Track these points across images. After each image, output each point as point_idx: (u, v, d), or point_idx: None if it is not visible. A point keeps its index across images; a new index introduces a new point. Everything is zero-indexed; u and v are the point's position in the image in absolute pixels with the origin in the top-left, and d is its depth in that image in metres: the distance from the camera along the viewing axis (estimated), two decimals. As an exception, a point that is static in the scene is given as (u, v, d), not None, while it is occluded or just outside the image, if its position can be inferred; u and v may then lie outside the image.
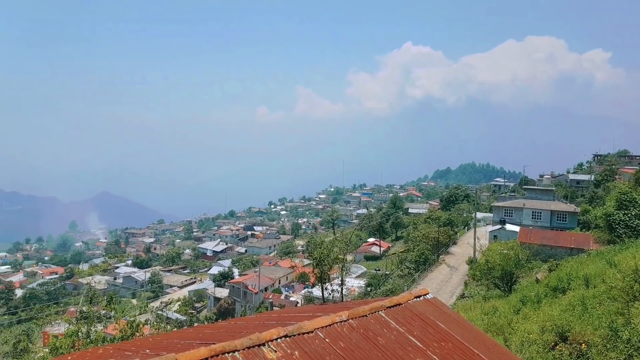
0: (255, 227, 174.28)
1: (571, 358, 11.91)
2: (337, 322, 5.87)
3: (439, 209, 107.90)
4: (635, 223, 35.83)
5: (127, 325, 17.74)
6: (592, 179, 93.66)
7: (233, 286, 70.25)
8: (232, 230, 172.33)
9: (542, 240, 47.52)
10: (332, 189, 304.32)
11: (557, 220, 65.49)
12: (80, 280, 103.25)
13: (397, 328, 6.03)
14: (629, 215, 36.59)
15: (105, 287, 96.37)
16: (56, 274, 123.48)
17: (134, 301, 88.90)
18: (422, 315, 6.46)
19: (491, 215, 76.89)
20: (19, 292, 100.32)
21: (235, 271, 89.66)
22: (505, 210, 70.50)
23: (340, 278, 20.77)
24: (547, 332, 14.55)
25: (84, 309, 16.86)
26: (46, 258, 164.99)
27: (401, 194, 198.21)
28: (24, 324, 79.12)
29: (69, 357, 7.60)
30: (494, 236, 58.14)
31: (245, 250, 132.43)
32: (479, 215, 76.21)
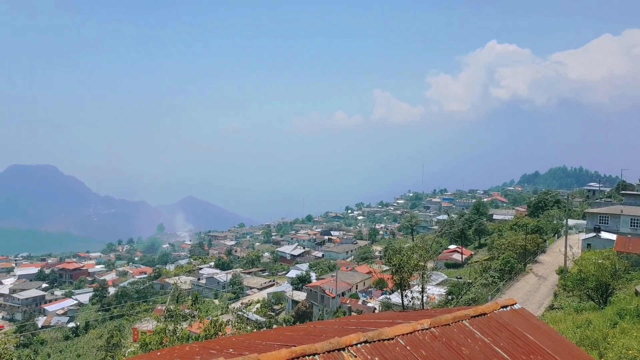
0: (332, 232, 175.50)
1: None
2: (418, 330, 5.79)
3: (526, 215, 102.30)
4: None
5: (210, 324, 18.68)
6: None
7: (310, 290, 71.21)
8: (309, 234, 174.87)
9: (645, 250, 43.47)
10: (411, 194, 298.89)
11: (662, 228, 59.63)
12: (167, 280, 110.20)
13: (482, 338, 5.83)
14: None
15: (190, 287, 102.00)
16: (145, 273, 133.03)
17: (216, 301, 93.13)
18: (509, 326, 6.19)
19: (584, 222, 71.69)
20: (111, 290, 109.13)
21: (313, 275, 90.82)
22: (600, 216, 65.34)
23: (420, 285, 20.32)
24: (651, 349, 13.36)
25: (171, 307, 17.99)
26: (136, 258, 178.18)
27: (485, 200, 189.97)
28: (116, 320, 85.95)
29: (158, 353, 8.15)
30: (588, 244, 54.29)
31: (323, 255, 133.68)
32: (571, 222, 71.26)
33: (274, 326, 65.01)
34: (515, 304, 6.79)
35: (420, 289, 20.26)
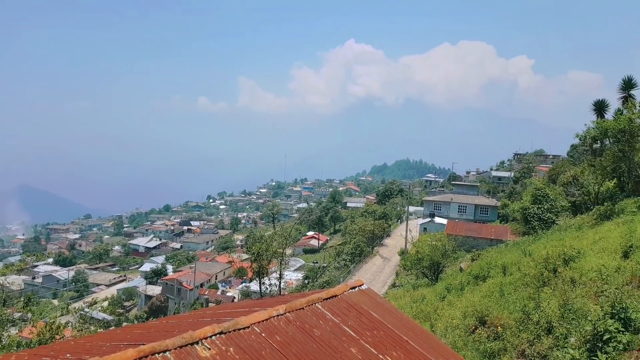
0: (192, 222, 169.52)
1: (488, 340, 12.77)
2: (274, 316, 5.82)
3: (375, 203, 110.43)
4: (547, 216, 38.82)
5: (45, 327, 16.59)
6: (512, 175, 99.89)
7: (166, 283, 68.09)
8: (166, 225, 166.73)
9: (467, 232, 50.26)
10: (274, 183, 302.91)
11: (480, 213, 69.36)
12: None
13: (332, 319, 6.08)
14: (542, 209, 39.55)
15: (22, 288, 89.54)
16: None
17: (55, 302, 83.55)
18: (356, 305, 6.57)
19: (422, 208, 79.88)
20: None
21: (169, 268, 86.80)
22: (434, 204, 73.56)
23: (278, 272, 20.71)
24: (469, 317, 15.50)
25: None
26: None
27: (340, 189, 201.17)
28: None
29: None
30: (424, 228, 60.56)
31: (181, 246, 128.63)
32: (411, 209, 78.93)
33: (124, 324, 60.70)
34: (362, 284, 7.24)
35: (279, 276, 20.63)
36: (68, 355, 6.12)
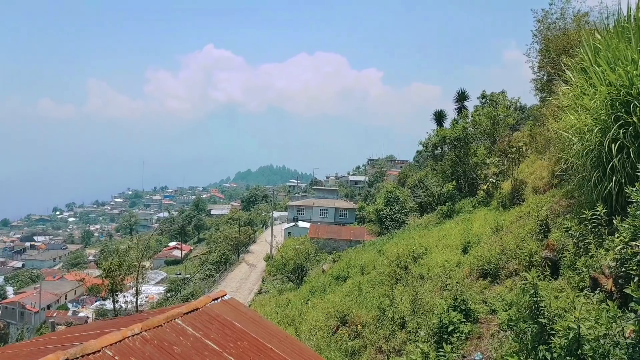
0: (35, 237, 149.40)
1: (350, 339, 13.27)
2: (128, 337, 5.38)
3: (240, 209, 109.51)
4: (398, 217, 42.33)
5: None
6: (367, 179, 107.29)
7: (6, 307, 59.26)
8: (4, 242, 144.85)
9: (328, 235, 52.40)
10: (130, 192, 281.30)
11: (340, 216, 73.06)
12: None
13: (194, 334, 5.84)
14: (394, 210, 43.06)
15: None
16: None
17: None
18: (219, 317, 6.41)
19: (287, 213, 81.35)
20: None
21: (10, 289, 75.50)
22: (298, 208, 75.51)
23: (135, 287, 19.23)
24: (331, 318, 15.91)
25: None
26: None
27: (204, 196, 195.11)
28: None
29: None
30: (289, 233, 61.57)
31: (23, 265, 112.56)
32: (276, 214, 79.90)
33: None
34: (225, 295, 7.09)
35: (135, 291, 19.17)
36: None
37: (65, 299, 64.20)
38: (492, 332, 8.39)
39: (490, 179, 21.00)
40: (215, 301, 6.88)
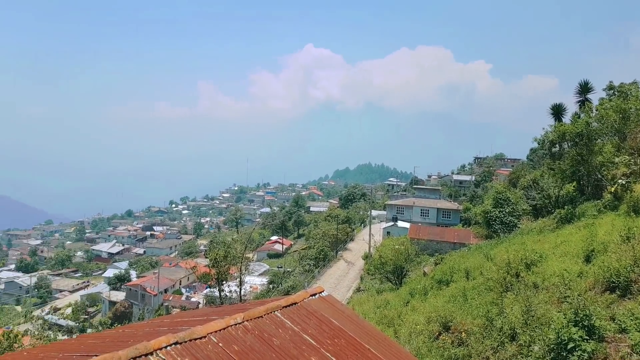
0: (155, 227, 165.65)
1: (453, 346, 12.64)
2: (231, 325, 5.62)
3: (338, 207, 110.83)
4: (508, 219, 39.52)
5: (3, 336, 15.75)
6: (473, 179, 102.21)
7: (130, 289, 66.18)
8: (129, 230, 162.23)
9: (430, 236, 50.70)
10: (236, 188, 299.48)
11: (443, 217, 70.49)
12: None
13: (292, 327, 5.93)
14: (504, 212, 40.28)
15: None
16: None
17: (19, 308, 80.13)
18: (317, 313, 6.44)
19: (385, 212, 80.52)
20: None
21: (133, 273, 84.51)
22: (397, 208, 74.32)
23: (239, 278, 20.32)
24: (432, 323, 15.32)
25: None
26: None
27: (303, 193, 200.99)
28: None
29: None
30: (387, 232, 60.87)
31: (144, 252, 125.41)
32: (374, 213, 79.55)
33: (89, 330, 58.47)
34: (323, 291, 7.11)
35: (239, 282, 20.24)
36: (16, 369, 5.75)
37: (180, 284, 70.19)
38: (623, 354, 7.38)
39: (620, 181, 18.76)
40: (313, 297, 6.94)
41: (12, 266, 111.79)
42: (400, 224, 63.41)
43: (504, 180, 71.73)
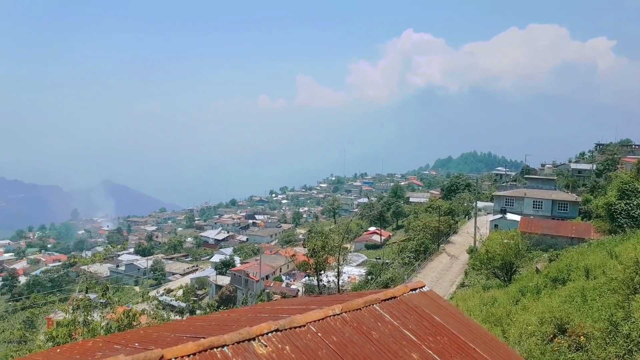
0: (256, 216, 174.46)
1: (570, 350, 11.70)
2: (330, 316, 5.70)
3: (439, 198, 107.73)
4: (637, 213, 35.44)
5: (123, 314, 17.64)
6: (594, 168, 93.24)
7: (234, 274, 70.43)
8: (233, 218, 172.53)
9: (543, 230, 47.34)
10: (333, 178, 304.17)
11: (559, 209, 65.29)
12: (83, 267, 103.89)
13: (391, 322, 5.86)
14: (631, 205, 36.21)
15: (108, 275, 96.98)
16: (59, 261, 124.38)
17: (137, 288, 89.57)
18: (417, 308, 6.29)
19: (492, 204, 76.70)
20: (23, 279, 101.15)
21: (237, 259, 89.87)
22: (506, 199, 70.31)
23: (337, 268, 20.62)
24: (546, 324, 14.29)
25: (80, 296, 16.82)
26: (49, 246, 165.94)
27: (402, 183, 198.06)
28: (28, 311, 79.90)
29: (58, 350, 7.47)
30: (495, 225, 58.07)
31: (247, 239, 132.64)
32: (480, 204, 76.05)
33: (197, 311, 63.58)
34: (423, 286, 6.93)
35: (337, 272, 20.52)
36: (136, 344, 6.36)
37: (280, 271, 73.34)
38: None
39: None
40: (414, 292, 6.79)
41: (132, 249, 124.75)
42: (509, 216, 60.10)
43: (631, 169, 64.44)
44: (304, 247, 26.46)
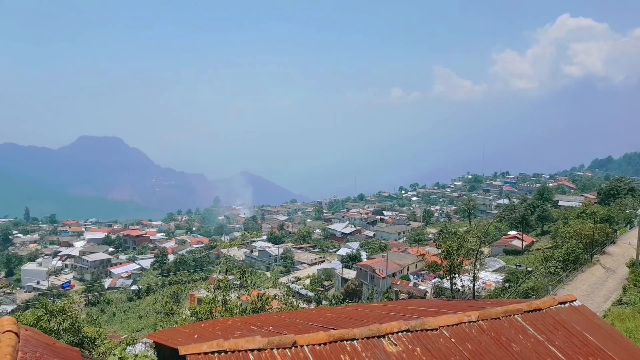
0: (384, 212, 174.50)
1: None
2: (465, 322, 5.52)
3: (595, 202, 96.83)
4: None
5: (257, 297, 19.11)
6: None
7: (360, 269, 71.50)
8: (360, 213, 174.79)
9: None
10: (470, 176, 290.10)
11: None
12: (222, 250, 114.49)
13: (535, 335, 5.46)
14: None
15: (243, 259, 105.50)
16: (202, 243, 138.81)
17: (268, 274, 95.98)
18: (566, 324, 5.77)
19: (663, 213, 66.78)
20: (171, 257, 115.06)
21: (363, 254, 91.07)
22: (682, 208, 60.59)
23: (472, 273, 19.69)
24: None
25: (220, 277, 18.61)
26: (194, 228, 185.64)
27: (550, 185, 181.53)
28: (175, 286, 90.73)
29: (202, 325, 8.34)
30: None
31: (374, 234, 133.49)
32: (647, 212, 66.66)
33: (323, 302, 65.94)
34: (574, 300, 6.32)
35: (472, 277, 19.59)
36: (271, 327, 6.86)
37: (407, 270, 72.53)
38: None
39: None
40: (562, 305, 6.23)
41: (265, 237, 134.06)
42: (685, 228, 51.60)
43: None
44: (437, 247, 25.77)
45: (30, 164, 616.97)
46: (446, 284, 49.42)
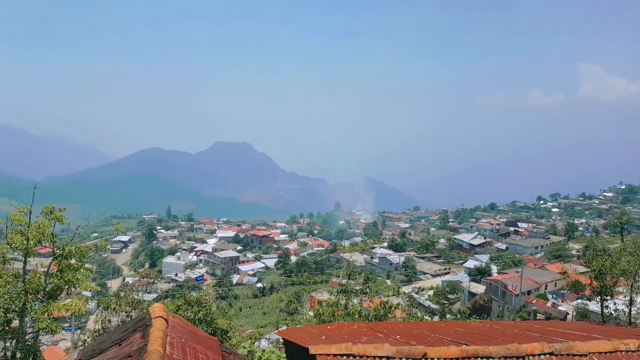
0: (519, 223, 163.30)
1: None
2: (621, 351, 4.99)
3: None
4: None
5: (380, 305, 19.17)
6: None
7: (490, 283, 68.01)
8: (491, 224, 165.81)
9: None
10: (623, 187, 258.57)
11: None
12: (342, 254, 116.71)
13: None
14: None
15: (363, 265, 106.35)
16: (322, 246, 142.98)
17: (388, 282, 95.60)
18: None
19: None
20: (293, 258, 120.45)
21: (494, 268, 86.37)
22: None
23: (628, 295, 17.51)
24: None
25: (343, 281, 19.02)
26: (315, 232, 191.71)
27: None
28: (297, 287, 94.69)
29: (329, 327, 8.61)
30: None
31: (506, 247, 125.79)
32: None
33: (447, 316, 63.76)
34: None
35: (629, 301, 17.41)
36: (398, 337, 6.85)
37: (545, 288, 67.04)
38: None
39: None
40: None
41: (385, 244, 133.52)
42: None
43: None
44: (585, 265, 23.38)
45: (172, 167, 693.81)
46: (593, 306, 44.70)
